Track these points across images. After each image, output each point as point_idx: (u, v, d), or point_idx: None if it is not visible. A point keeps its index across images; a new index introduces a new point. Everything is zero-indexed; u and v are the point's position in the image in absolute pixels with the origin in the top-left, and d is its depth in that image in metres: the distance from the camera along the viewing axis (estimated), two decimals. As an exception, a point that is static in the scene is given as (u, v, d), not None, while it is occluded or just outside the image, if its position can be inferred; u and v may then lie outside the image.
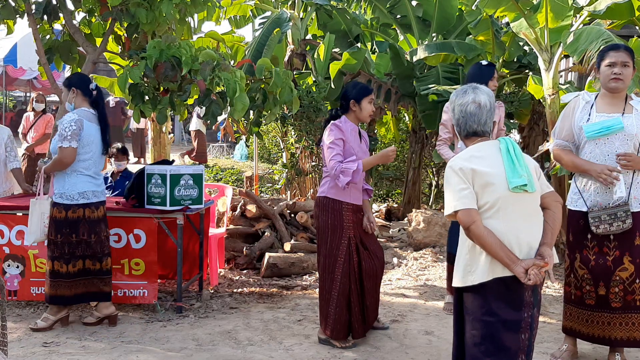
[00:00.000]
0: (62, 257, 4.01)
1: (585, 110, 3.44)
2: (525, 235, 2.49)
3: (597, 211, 3.35)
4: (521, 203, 2.50)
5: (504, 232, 2.46)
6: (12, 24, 5.28)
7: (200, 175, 4.51)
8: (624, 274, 3.37)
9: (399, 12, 7.96)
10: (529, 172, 2.50)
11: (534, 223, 2.54)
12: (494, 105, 2.64)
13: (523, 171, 2.47)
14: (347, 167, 3.68)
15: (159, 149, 9.60)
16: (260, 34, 7.61)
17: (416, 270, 5.77)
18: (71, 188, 3.99)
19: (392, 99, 7.39)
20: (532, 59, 7.28)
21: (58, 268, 4.01)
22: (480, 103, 2.57)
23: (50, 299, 4.06)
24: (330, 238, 3.81)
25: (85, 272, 4.07)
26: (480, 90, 2.61)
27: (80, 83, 4.11)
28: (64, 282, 4.02)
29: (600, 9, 5.20)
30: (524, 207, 2.51)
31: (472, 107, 2.58)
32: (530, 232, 2.51)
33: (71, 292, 4.04)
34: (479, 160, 2.52)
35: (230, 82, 4.42)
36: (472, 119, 2.58)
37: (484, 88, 2.65)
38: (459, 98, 2.63)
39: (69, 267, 4.01)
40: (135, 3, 4.60)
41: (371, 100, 3.90)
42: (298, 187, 7.68)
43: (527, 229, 2.50)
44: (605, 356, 3.62)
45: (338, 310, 3.77)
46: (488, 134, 2.62)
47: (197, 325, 4.19)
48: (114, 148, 5.84)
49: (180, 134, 22.19)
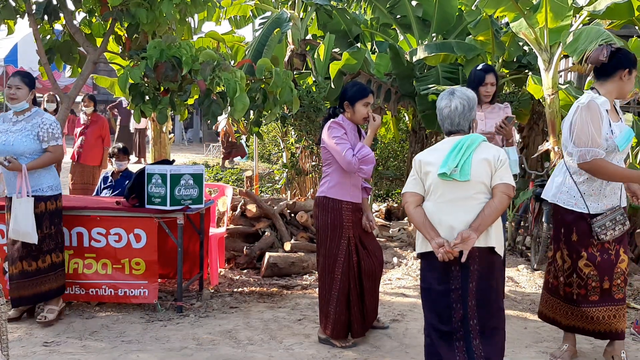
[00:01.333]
0: (57, 248, 4.19)
1: (606, 119, 3.37)
2: (447, 217, 2.88)
3: (601, 219, 3.40)
4: (450, 189, 2.89)
5: (431, 212, 2.92)
6: (13, 24, 5.28)
7: (200, 175, 4.52)
8: (623, 265, 3.46)
9: (399, 12, 7.97)
10: (465, 165, 2.85)
11: (460, 207, 2.88)
12: (471, 107, 2.97)
13: (454, 163, 2.84)
14: (363, 155, 3.67)
15: (159, 149, 9.62)
16: (260, 34, 7.61)
17: (416, 270, 5.77)
18: (55, 180, 4.24)
19: (392, 98, 7.40)
20: (531, 59, 7.30)
21: (55, 259, 4.20)
22: (451, 107, 2.97)
23: (60, 290, 4.27)
24: (330, 238, 3.81)
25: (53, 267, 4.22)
26: (456, 95, 2.98)
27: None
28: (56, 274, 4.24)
29: (599, 9, 5.22)
30: (452, 193, 2.89)
31: (446, 110, 2.98)
32: (454, 215, 2.87)
33: (60, 283, 4.30)
34: (434, 152, 2.99)
35: (231, 82, 4.42)
36: (447, 120, 2.99)
37: (462, 92, 3.00)
38: (438, 102, 3.03)
39: (61, 256, 4.26)
40: (136, 3, 4.61)
41: (366, 104, 3.81)
42: (298, 187, 7.69)
43: (451, 212, 2.88)
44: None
45: (338, 309, 3.78)
46: (463, 132, 2.99)
47: (197, 325, 4.20)
48: (115, 148, 5.87)
49: (181, 134, 22.21)
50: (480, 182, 2.88)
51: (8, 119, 4.19)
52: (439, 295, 2.93)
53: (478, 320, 2.90)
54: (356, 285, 3.81)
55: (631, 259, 5.70)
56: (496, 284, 2.99)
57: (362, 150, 3.70)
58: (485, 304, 2.92)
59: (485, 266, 2.91)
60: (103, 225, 4.46)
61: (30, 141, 4.08)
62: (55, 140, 4.14)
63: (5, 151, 4.04)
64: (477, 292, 2.89)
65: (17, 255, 4.10)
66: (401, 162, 9.58)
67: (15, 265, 4.11)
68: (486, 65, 4.45)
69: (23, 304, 4.20)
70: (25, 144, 4.07)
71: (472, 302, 2.89)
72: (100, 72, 12.27)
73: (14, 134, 4.10)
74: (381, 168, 9.39)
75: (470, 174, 2.86)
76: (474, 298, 2.89)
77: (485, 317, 2.91)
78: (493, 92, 4.36)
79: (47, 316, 4.15)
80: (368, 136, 3.86)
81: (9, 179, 4.13)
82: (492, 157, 2.89)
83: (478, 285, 2.89)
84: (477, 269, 2.89)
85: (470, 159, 2.88)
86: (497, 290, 3.00)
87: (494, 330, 2.95)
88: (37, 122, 4.13)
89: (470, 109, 2.98)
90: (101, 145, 7.19)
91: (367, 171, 3.71)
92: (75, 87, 5.09)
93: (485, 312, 2.91)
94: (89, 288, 4.47)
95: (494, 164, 2.89)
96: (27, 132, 4.10)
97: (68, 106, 5.12)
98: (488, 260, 2.92)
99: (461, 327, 2.89)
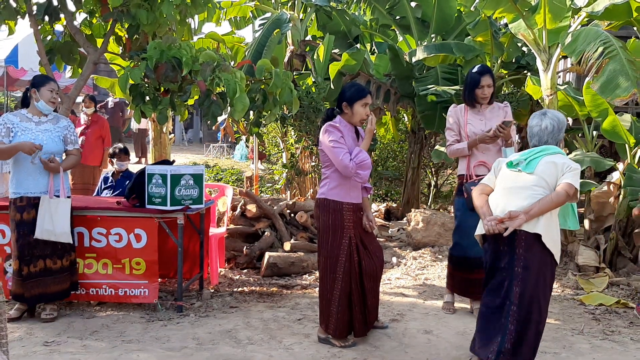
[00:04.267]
0: (72, 247, 4.33)
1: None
2: (504, 200, 3.19)
3: None
4: (514, 179, 3.23)
5: (492, 197, 3.29)
6: (13, 24, 5.29)
7: (200, 175, 4.54)
8: None
9: (398, 13, 7.98)
10: (533, 161, 3.20)
11: (517, 194, 3.16)
12: (560, 128, 3.28)
13: (524, 157, 3.23)
14: (360, 160, 3.67)
15: (159, 149, 9.64)
16: (260, 35, 7.63)
17: (415, 270, 5.79)
18: (68, 181, 4.38)
19: (391, 99, 7.41)
20: (530, 60, 7.31)
21: (73, 258, 4.34)
22: (541, 126, 3.29)
23: (75, 286, 4.39)
24: (332, 238, 3.81)
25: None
26: (547, 116, 3.30)
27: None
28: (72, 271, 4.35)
29: (598, 10, 5.23)
30: (515, 182, 3.21)
31: (536, 129, 3.32)
32: (510, 200, 3.16)
33: (75, 279, 4.40)
34: (514, 155, 3.43)
35: (231, 82, 4.43)
36: (535, 138, 3.32)
37: (553, 114, 3.31)
38: (530, 120, 3.37)
39: (73, 255, 4.38)
40: (136, 4, 4.62)
41: (365, 104, 3.80)
42: (298, 187, 7.71)
43: (509, 197, 3.18)
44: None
45: (340, 309, 3.79)
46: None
47: (197, 325, 4.21)
48: (116, 148, 5.88)
49: (181, 134, 22.22)
50: (542, 178, 3.14)
51: (27, 118, 4.19)
52: (491, 271, 3.22)
53: (518, 308, 3.07)
54: (357, 286, 3.82)
55: (631, 259, 5.72)
56: (543, 281, 3.11)
57: (359, 155, 3.69)
58: (528, 297, 3.07)
59: (532, 255, 3.07)
60: (104, 225, 4.48)
61: (60, 142, 4.26)
62: (76, 143, 4.39)
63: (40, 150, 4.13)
64: (522, 282, 3.08)
65: (38, 254, 4.12)
66: (400, 163, 9.59)
67: (34, 264, 4.12)
68: (481, 67, 4.38)
69: (42, 301, 4.23)
70: (56, 145, 4.22)
71: (516, 288, 3.08)
72: (101, 73, 12.26)
73: (43, 134, 4.15)
74: (380, 168, 9.41)
75: (535, 168, 3.17)
76: (519, 286, 3.08)
77: (525, 308, 3.07)
78: (490, 93, 4.34)
79: (52, 314, 4.23)
80: (365, 141, 3.86)
81: (35, 180, 4.15)
82: (561, 163, 3.15)
83: (524, 274, 3.07)
84: (522, 254, 3.09)
85: (540, 158, 3.20)
86: (542, 288, 3.12)
87: (529, 324, 3.08)
88: (65, 124, 4.31)
89: (560, 130, 3.27)
90: (101, 146, 7.20)
91: (363, 176, 3.71)
92: (76, 88, 5.10)
93: (527, 304, 3.07)
94: (89, 288, 4.48)
95: (562, 168, 3.14)
96: (56, 133, 4.24)
97: (68, 107, 5.13)
98: (535, 250, 3.07)
99: (502, 308, 3.13)
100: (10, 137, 4.09)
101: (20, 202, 4.14)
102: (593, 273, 5.57)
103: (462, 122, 4.40)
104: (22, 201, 4.13)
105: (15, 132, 4.11)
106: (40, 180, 4.15)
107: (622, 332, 4.19)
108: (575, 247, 5.92)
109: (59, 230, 4.11)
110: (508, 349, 3.07)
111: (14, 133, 4.10)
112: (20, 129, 4.13)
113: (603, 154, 7.36)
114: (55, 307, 4.31)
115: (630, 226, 5.76)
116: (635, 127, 6.04)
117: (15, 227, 4.13)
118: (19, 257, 4.12)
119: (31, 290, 4.13)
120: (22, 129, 4.13)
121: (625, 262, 5.72)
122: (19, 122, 4.16)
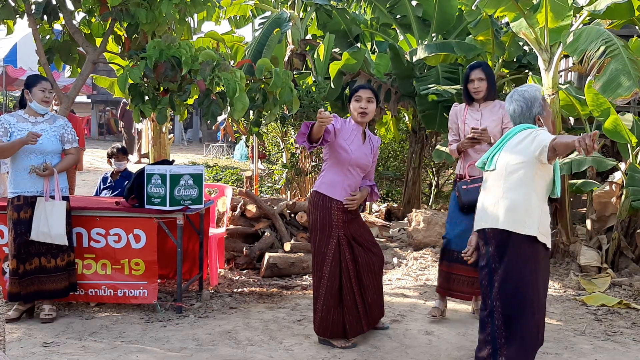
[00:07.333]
0: (70, 247, 4.29)
1: None
2: (480, 200, 3.19)
3: None
4: (485, 179, 3.23)
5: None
6: (12, 24, 5.27)
7: (200, 175, 4.51)
8: None
9: (399, 12, 7.97)
10: (492, 157, 3.15)
11: (490, 191, 3.14)
12: (529, 106, 3.12)
13: (485, 157, 3.20)
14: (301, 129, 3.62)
15: (159, 149, 9.62)
16: (260, 34, 7.61)
17: (416, 270, 5.77)
18: (65, 181, 4.34)
19: (392, 99, 7.40)
20: (531, 59, 7.29)
21: (70, 258, 4.30)
22: (510, 111, 3.20)
23: (73, 287, 4.36)
24: (319, 237, 3.79)
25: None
26: (513, 99, 3.17)
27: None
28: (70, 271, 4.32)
29: (600, 9, 5.20)
30: (485, 182, 3.21)
31: (509, 114, 3.24)
32: (486, 198, 3.15)
33: (73, 280, 4.39)
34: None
35: (230, 82, 4.41)
36: (511, 122, 3.27)
37: (519, 94, 3.16)
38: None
39: (72, 255, 4.35)
40: (135, 3, 4.60)
41: (359, 98, 3.80)
42: (298, 187, 7.69)
43: (483, 198, 3.18)
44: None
45: (325, 308, 3.76)
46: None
47: (197, 325, 4.19)
48: (115, 148, 5.85)
49: (180, 134, 22.21)
50: (509, 165, 3.09)
51: (23, 118, 4.21)
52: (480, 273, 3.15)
53: (500, 302, 2.98)
54: (351, 284, 3.78)
55: (633, 260, 5.70)
56: (524, 274, 2.96)
57: (303, 127, 3.63)
58: (508, 292, 2.97)
59: (505, 249, 2.97)
60: (102, 225, 4.45)
61: (57, 142, 4.25)
62: (75, 142, 4.35)
63: (37, 150, 4.13)
64: (500, 276, 2.99)
65: (34, 252, 4.14)
66: (401, 163, 9.58)
67: (30, 262, 4.14)
68: (474, 62, 4.37)
69: (38, 299, 4.23)
70: (54, 144, 4.22)
71: (496, 283, 3.00)
72: (100, 72, 12.27)
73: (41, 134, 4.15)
74: (381, 168, 9.39)
75: (497, 163, 3.14)
76: (499, 281, 2.99)
77: (508, 305, 2.97)
78: (483, 87, 4.25)
79: (51, 314, 4.22)
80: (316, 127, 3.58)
81: (32, 180, 4.16)
82: (529, 137, 3.05)
83: (500, 269, 2.99)
84: (493, 251, 3.01)
85: (499, 152, 3.15)
86: (524, 282, 2.97)
87: (516, 322, 2.96)
88: (62, 124, 4.30)
89: (530, 107, 3.13)
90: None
91: (299, 140, 3.64)
92: (75, 87, 5.08)
93: (508, 300, 2.97)
94: (88, 288, 4.46)
95: (531, 140, 3.03)
96: (53, 132, 4.24)
97: (67, 106, 5.11)
98: (509, 243, 2.96)
99: (488, 306, 3.04)
100: (7, 136, 4.12)
101: (17, 201, 4.15)
102: (595, 273, 5.55)
103: (461, 121, 4.38)
104: (19, 200, 4.15)
105: (11, 132, 4.13)
106: (37, 179, 4.16)
107: (625, 333, 4.17)
108: (577, 247, 5.90)
109: (54, 233, 4.11)
110: (501, 343, 2.97)
111: (10, 133, 4.12)
112: (17, 129, 4.15)
113: (605, 153, 7.35)
114: (54, 307, 4.29)
115: (633, 226, 5.73)
116: (637, 126, 6.02)
117: (13, 225, 4.14)
118: (16, 256, 4.13)
119: (27, 287, 4.14)
120: (18, 130, 4.15)
121: (628, 263, 5.70)
122: (16, 122, 4.18)
